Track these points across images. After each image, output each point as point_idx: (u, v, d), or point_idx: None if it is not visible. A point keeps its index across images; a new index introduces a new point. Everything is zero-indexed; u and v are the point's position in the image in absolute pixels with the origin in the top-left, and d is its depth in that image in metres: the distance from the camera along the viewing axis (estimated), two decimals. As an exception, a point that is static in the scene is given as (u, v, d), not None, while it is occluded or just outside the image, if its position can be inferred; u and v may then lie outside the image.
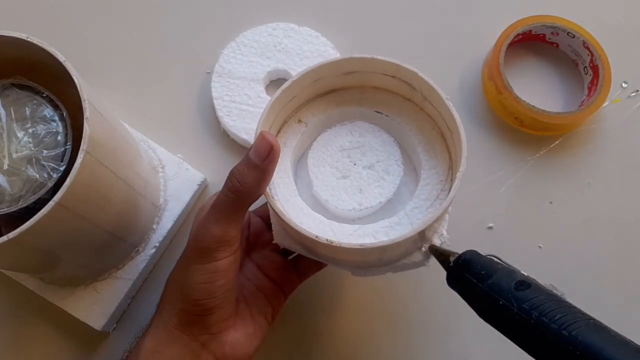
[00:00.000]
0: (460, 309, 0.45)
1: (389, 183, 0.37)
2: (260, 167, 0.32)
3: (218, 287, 0.33)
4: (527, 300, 0.28)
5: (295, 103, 0.38)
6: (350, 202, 0.37)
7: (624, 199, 0.48)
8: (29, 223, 0.30)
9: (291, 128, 0.39)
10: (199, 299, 0.33)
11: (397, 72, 0.36)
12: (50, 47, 0.34)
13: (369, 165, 0.38)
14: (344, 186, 0.37)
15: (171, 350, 0.34)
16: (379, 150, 0.38)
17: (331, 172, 0.38)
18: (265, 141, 0.32)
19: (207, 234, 0.33)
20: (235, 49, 0.51)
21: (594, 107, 0.47)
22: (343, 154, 0.38)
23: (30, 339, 0.45)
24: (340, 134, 0.38)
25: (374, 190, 0.37)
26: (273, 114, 0.36)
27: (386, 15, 0.55)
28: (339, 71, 0.37)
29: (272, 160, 0.32)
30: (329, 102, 0.39)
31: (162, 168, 0.47)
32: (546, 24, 0.50)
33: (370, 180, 0.37)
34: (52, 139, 0.35)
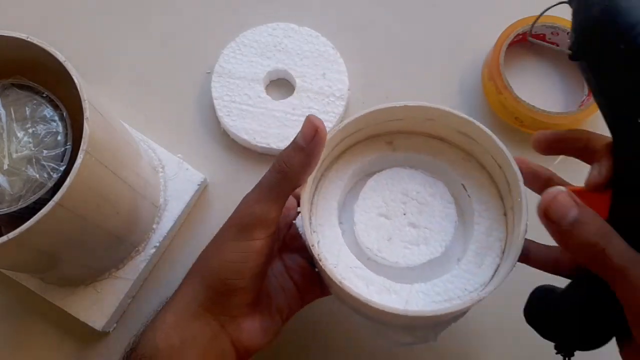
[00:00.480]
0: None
1: (437, 242, 0.35)
2: (305, 149, 0.32)
3: (248, 269, 0.33)
4: None
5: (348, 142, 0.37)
6: (402, 258, 0.34)
7: (624, 199, 0.48)
8: (29, 223, 0.30)
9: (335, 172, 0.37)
10: (228, 278, 0.33)
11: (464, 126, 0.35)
12: (50, 47, 0.34)
13: (420, 220, 0.35)
14: (391, 237, 0.35)
15: (192, 325, 0.34)
16: (433, 204, 0.35)
17: (378, 220, 0.36)
18: (311, 123, 0.32)
19: (249, 210, 0.33)
20: (235, 49, 0.51)
21: (594, 107, 0.47)
22: (395, 202, 0.36)
23: (30, 339, 0.45)
24: (394, 180, 0.36)
25: (423, 246, 0.35)
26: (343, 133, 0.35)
27: (386, 15, 0.55)
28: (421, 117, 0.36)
29: (318, 143, 0.32)
30: (383, 144, 0.38)
31: (162, 168, 0.47)
32: (546, 24, 0.50)
33: (418, 236, 0.35)
34: (52, 139, 0.35)
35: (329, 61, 0.50)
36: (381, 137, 0.38)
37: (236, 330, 0.35)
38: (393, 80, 0.52)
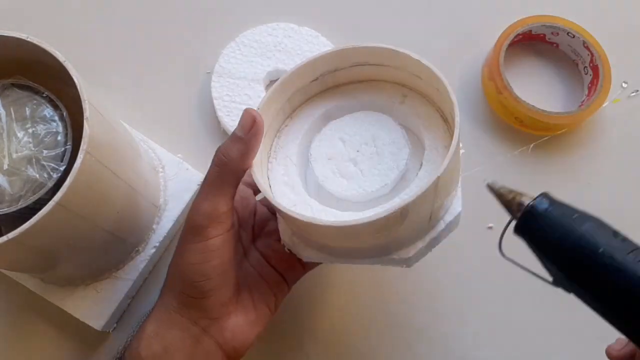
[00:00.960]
0: (461, 311, 0.45)
1: (395, 163, 0.36)
2: (243, 139, 0.33)
3: (212, 268, 0.33)
4: (631, 250, 0.25)
5: (293, 102, 0.39)
6: (356, 187, 0.36)
7: (624, 199, 0.48)
8: (29, 223, 0.30)
9: (294, 127, 0.39)
10: (194, 281, 0.34)
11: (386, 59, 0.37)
12: (50, 47, 0.34)
13: (374, 150, 0.37)
14: (350, 173, 0.37)
15: (172, 333, 0.34)
16: (381, 133, 0.37)
17: (335, 163, 0.37)
18: (249, 114, 0.33)
19: (198, 211, 0.34)
20: (235, 49, 0.51)
21: (594, 107, 0.47)
22: (346, 145, 0.38)
23: (30, 339, 0.45)
24: (340, 127, 0.38)
25: (381, 172, 0.36)
26: (272, 106, 0.37)
27: (386, 15, 0.55)
28: (332, 67, 0.38)
29: (256, 133, 0.33)
30: (328, 99, 0.40)
31: (162, 168, 0.47)
32: (546, 24, 0.50)
33: (375, 164, 0.37)
34: (52, 139, 0.35)
35: (329, 61, 0.50)
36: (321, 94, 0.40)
37: (219, 331, 0.35)
38: (393, 80, 0.52)
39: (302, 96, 0.39)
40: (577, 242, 0.26)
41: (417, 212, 0.32)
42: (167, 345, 0.34)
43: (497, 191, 0.30)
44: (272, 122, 0.38)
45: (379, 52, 0.36)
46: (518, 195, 0.29)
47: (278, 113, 0.38)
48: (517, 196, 0.29)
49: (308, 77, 0.38)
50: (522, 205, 0.28)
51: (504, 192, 0.30)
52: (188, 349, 0.34)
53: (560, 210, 0.27)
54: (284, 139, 0.39)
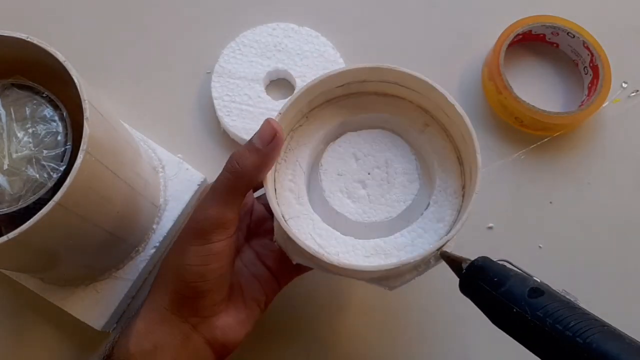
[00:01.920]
0: (460, 311, 0.45)
1: (403, 196, 0.36)
2: (262, 151, 0.32)
3: (211, 271, 0.33)
4: (541, 307, 0.27)
5: (313, 104, 0.38)
6: (361, 212, 0.36)
7: (624, 199, 0.48)
8: (29, 223, 0.30)
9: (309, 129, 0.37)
10: (191, 281, 0.33)
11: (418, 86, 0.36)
12: (50, 47, 0.34)
13: (385, 176, 0.37)
14: (358, 196, 0.36)
15: (162, 329, 0.34)
16: (395, 160, 0.37)
17: (344, 181, 0.37)
18: (270, 126, 0.32)
19: (204, 214, 0.33)
20: (235, 49, 0.51)
21: (594, 107, 0.47)
22: (358, 164, 0.37)
23: (30, 339, 0.45)
24: (356, 142, 0.37)
25: (388, 203, 0.36)
26: (294, 109, 0.36)
27: (386, 15, 0.55)
28: (361, 78, 0.37)
29: (275, 147, 0.32)
30: (349, 106, 0.38)
31: (162, 168, 0.47)
32: (546, 24, 0.50)
33: (384, 192, 0.36)
34: (52, 139, 0.35)
35: (329, 61, 0.50)
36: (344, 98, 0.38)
37: (209, 329, 0.35)
38: (393, 80, 0.52)
39: (323, 97, 0.38)
40: (499, 302, 0.29)
41: (416, 262, 0.33)
42: (157, 342, 0.34)
43: (445, 258, 0.33)
44: (288, 122, 0.37)
45: (414, 80, 0.35)
46: (460, 261, 0.32)
47: (295, 115, 0.37)
48: (459, 261, 0.32)
49: (334, 84, 0.37)
50: (462, 269, 0.31)
51: (449, 259, 0.33)
52: (178, 346, 0.34)
53: (489, 269, 0.30)
54: (297, 140, 0.38)
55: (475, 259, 0.31)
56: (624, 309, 0.45)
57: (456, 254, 0.33)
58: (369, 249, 0.35)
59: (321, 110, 0.38)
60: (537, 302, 0.28)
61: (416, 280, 0.45)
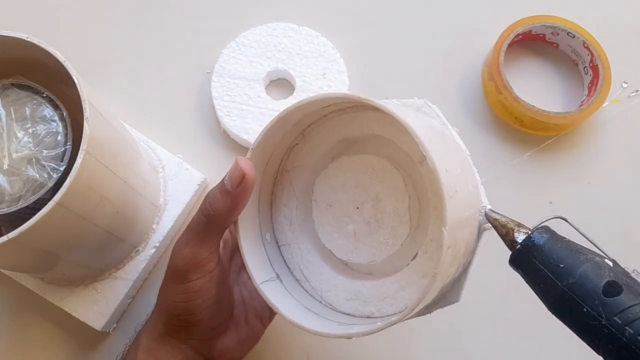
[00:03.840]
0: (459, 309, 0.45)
1: (391, 239, 0.33)
2: (232, 194, 0.31)
3: (196, 306, 0.34)
4: (619, 310, 0.23)
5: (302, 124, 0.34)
6: (347, 252, 0.34)
7: (624, 199, 0.48)
8: (29, 223, 0.30)
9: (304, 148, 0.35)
10: (179, 315, 0.34)
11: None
12: (50, 47, 0.34)
13: (373, 214, 0.33)
14: (345, 232, 0.34)
15: (163, 348, 0.35)
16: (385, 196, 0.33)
17: (333, 213, 0.34)
18: (238, 169, 0.31)
19: (179, 255, 0.33)
20: (235, 49, 0.51)
21: (594, 107, 0.47)
22: (347, 195, 0.34)
23: (30, 339, 0.45)
24: (348, 169, 0.34)
25: (374, 246, 0.33)
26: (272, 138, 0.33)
27: (386, 15, 0.55)
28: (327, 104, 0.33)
29: (245, 190, 0.31)
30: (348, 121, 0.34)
31: (162, 168, 0.47)
32: (546, 24, 0.50)
33: (371, 232, 0.33)
34: (52, 139, 0.35)
35: (329, 61, 0.50)
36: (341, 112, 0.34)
37: (209, 350, 0.35)
38: (393, 80, 0.52)
39: (313, 117, 0.34)
40: (563, 294, 0.24)
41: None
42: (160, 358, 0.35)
43: (493, 222, 0.29)
44: (280, 143, 0.34)
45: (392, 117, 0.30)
46: (512, 230, 0.27)
47: (283, 138, 0.34)
48: (511, 231, 0.28)
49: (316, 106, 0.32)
50: (515, 242, 0.27)
51: (498, 225, 0.29)
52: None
53: (553, 251, 0.26)
54: (292, 161, 0.35)
55: (533, 231, 0.26)
56: (624, 309, 0.45)
57: (508, 217, 0.28)
58: (350, 292, 0.33)
59: (318, 126, 0.35)
60: (614, 302, 0.23)
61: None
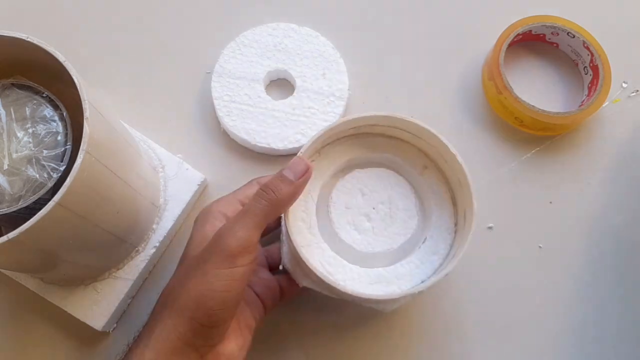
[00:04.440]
0: (459, 309, 0.45)
1: (403, 230, 0.40)
2: (294, 183, 0.35)
3: (231, 298, 0.33)
4: None
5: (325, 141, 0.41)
6: (366, 244, 0.39)
7: (624, 199, 0.48)
8: (29, 223, 0.30)
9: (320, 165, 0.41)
10: (214, 309, 0.33)
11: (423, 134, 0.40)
12: (50, 47, 0.34)
13: (388, 212, 0.40)
14: (364, 228, 0.40)
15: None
16: (396, 198, 0.40)
17: (352, 214, 0.40)
18: (303, 162, 0.36)
19: (232, 237, 0.33)
20: (235, 49, 0.51)
21: (594, 107, 0.47)
22: (364, 199, 0.40)
23: (30, 339, 0.45)
24: (363, 179, 0.41)
25: (390, 236, 0.40)
26: (317, 144, 0.39)
27: (386, 15, 0.55)
28: (372, 122, 0.40)
29: (306, 180, 0.36)
30: (357, 145, 0.42)
31: (162, 168, 0.47)
32: (546, 24, 0.50)
33: (387, 226, 0.40)
34: (52, 139, 0.35)
35: (329, 61, 0.50)
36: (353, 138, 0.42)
37: (215, 357, 0.35)
38: (393, 81, 0.52)
39: (335, 136, 0.41)
40: None
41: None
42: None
43: None
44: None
45: (422, 129, 0.39)
46: None
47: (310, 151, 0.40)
48: None
49: (348, 126, 0.40)
50: None
51: None
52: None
53: None
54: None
55: None
56: (624, 309, 0.45)
57: None
58: (373, 277, 0.38)
59: (332, 147, 0.41)
60: None
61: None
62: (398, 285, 0.38)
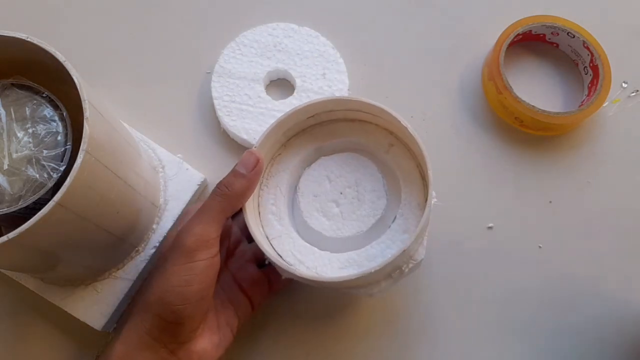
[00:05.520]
0: (459, 310, 0.45)
1: (372, 211, 0.40)
2: (247, 176, 0.36)
3: (192, 293, 0.34)
4: None
5: (288, 134, 0.42)
6: (335, 229, 0.40)
7: (624, 199, 0.48)
8: (29, 223, 0.30)
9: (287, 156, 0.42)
10: (174, 304, 0.34)
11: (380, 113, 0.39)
12: (50, 47, 0.34)
13: (355, 195, 0.41)
14: (332, 214, 0.40)
15: (141, 355, 0.35)
16: (364, 180, 0.41)
17: (320, 202, 0.41)
18: (253, 155, 0.37)
19: (189, 233, 0.35)
20: (235, 49, 0.51)
21: (594, 107, 0.47)
22: (332, 185, 0.41)
23: (30, 339, 0.45)
24: (329, 165, 0.41)
25: (359, 219, 0.40)
26: (269, 140, 0.40)
27: (386, 15, 0.55)
28: (328, 109, 0.41)
29: (258, 172, 0.37)
30: (322, 134, 0.42)
31: (162, 168, 0.47)
32: (546, 24, 0.50)
33: (355, 209, 0.40)
34: (52, 139, 0.35)
35: (329, 61, 0.50)
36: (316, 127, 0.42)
37: (186, 354, 0.35)
38: (393, 80, 0.52)
39: (298, 128, 0.42)
40: None
41: (385, 270, 0.35)
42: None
43: None
44: (267, 152, 0.41)
45: (372, 107, 0.39)
46: None
47: (273, 144, 0.41)
48: None
49: (305, 115, 0.41)
50: None
51: None
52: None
53: None
54: (276, 167, 0.42)
55: None
56: (624, 309, 0.45)
57: None
58: (343, 261, 0.38)
59: (297, 139, 0.42)
60: None
61: (417, 279, 0.45)
62: (369, 267, 0.36)
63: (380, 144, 0.41)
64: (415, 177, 0.40)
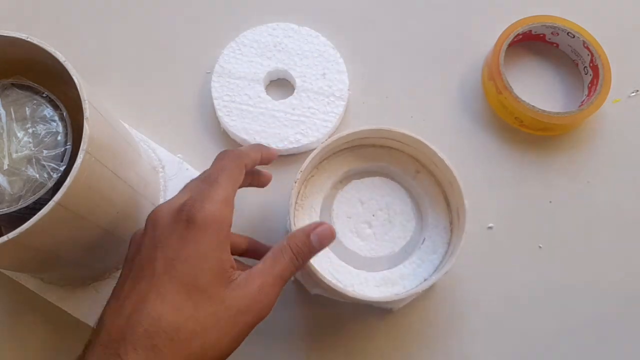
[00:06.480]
0: (459, 309, 0.45)
1: (403, 233, 0.43)
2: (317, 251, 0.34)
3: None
4: None
5: (322, 157, 0.44)
6: (369, 249, 0.43)
7: (624, 199, 0.48)
8: (29, 223, 0.30)
9: (320, 178, 0.44)
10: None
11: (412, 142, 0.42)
12: (50, 47, 0.34)
13: (387, 217, 0.43)
14: (366, 235, 0.43)
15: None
16: (393, 203, 0.44)
17: (354, 223, 0.43)
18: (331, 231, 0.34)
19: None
20: (235, 49, 0.51)
21: (594, 107, 0.47)
22: (364, 207, 0.44)
23: (29, 338, 0.45)
24: (361, 188, 0.44)
25: (391, 240, 0.43)
26: (314, 161, 0.42)
27: (386, 16, 0.55)
28: (364, 136, 0.43)
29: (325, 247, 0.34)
30: (353, 157, 0.45)
31: (162, 168, 0.47)
32: (546, 24, 0.50)
33: (387, 230, 0.43)
34: (52, 139, 0.35)
35: (329, 61, 0.50)
36: (347, 151, 0.45)
37: None
38: (393, 80, 0.52)
39: (330, 151, 0.44)
40: None
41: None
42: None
43: None
44: (303, 175, 0.42)
45: (411, 139, 0.42)
46: None
47: (307, 167, 0.41)
48: None
49: (344, 141, 0.43)
50: None
51: None
52: None
53: None
54: (310, 189, 0.44)
55: None
56: (624, 309, 0.45)
57: None
58: (378, 280, 0.41)
59: (329, 162, 0.44)
60: None
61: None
62: (402, 285, 0.41)
63: (407, 170, 0.44)
64: (441, 202, 0.43)
